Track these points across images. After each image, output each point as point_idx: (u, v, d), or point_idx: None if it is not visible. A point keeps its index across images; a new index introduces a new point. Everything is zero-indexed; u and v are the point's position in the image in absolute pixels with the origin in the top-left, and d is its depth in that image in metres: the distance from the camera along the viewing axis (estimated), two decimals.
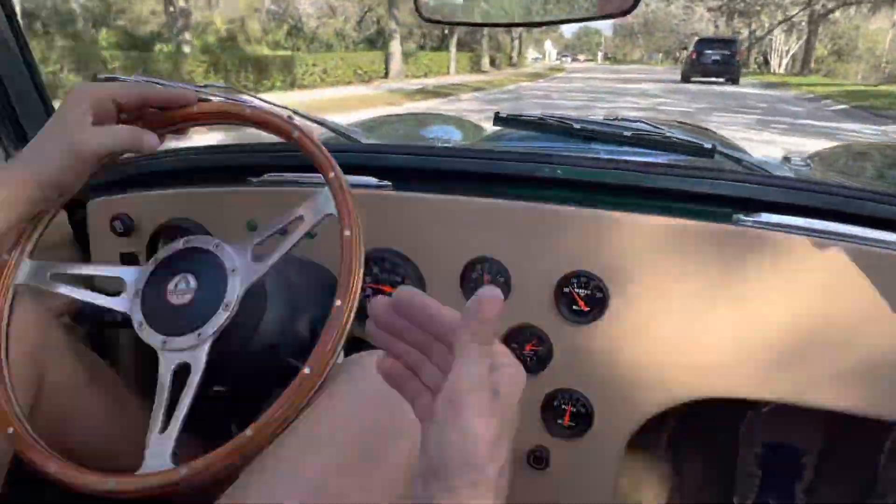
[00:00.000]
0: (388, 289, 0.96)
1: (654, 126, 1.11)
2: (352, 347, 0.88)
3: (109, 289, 0.81)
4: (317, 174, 0.75)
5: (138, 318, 0.75)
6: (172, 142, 0.89)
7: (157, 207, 1.06)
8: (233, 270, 0.74)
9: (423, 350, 0.51)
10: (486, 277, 0.92)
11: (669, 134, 1.06)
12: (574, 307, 0.89)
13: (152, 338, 0.73)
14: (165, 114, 0.80)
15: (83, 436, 0.89)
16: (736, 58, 23.15)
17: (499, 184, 0.98)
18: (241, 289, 0.73)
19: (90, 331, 1.15)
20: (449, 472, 0.42)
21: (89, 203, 1.11)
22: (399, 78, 21.41)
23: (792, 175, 1.14)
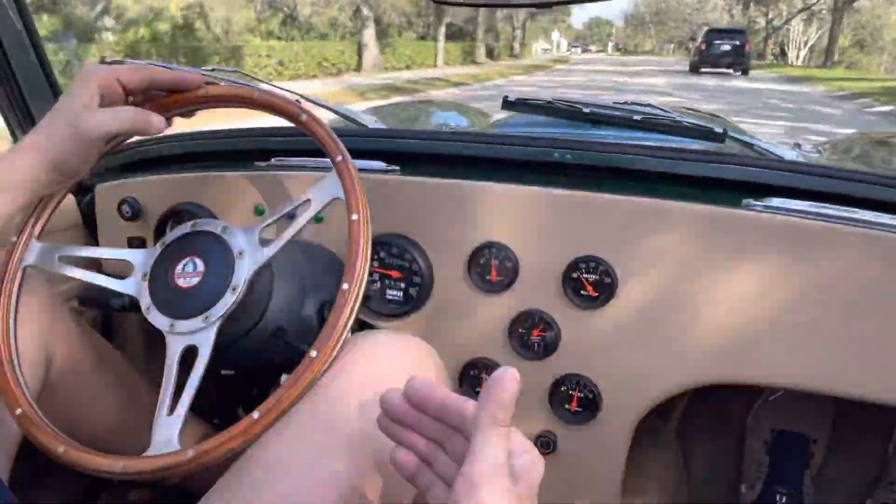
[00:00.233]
0: (396, 273, 0.96)
1: (665, 110, 1.10)
2: (358, 329, 0.88)
3: (117, 272, 0.81)
4: (324, 158, 0.74)
5: (146, 302, 0.75)
6: (180, 126, 0.89)
7: (164, 192, 1.06)
8: (240, 254, 0.74)
9: (437, 440, 0.50)
10: (494, 262, 0.92)
11: (680, 118, 1.05)
12: (582, 292, 0.89)
13: (159, 321, 0.73)
14: (172, 97, 0.79)
15: (90, 418, 0.89)
16: (746, 48, 22.89)
17: (507, 169, 0.97)
18: (248, 272, 0.73)
19: (97, 314, 1.16)
20: None
21: (97, 187, 1.11)
22: (374, 70, 19.58)
23: (803, 160, 1.13)
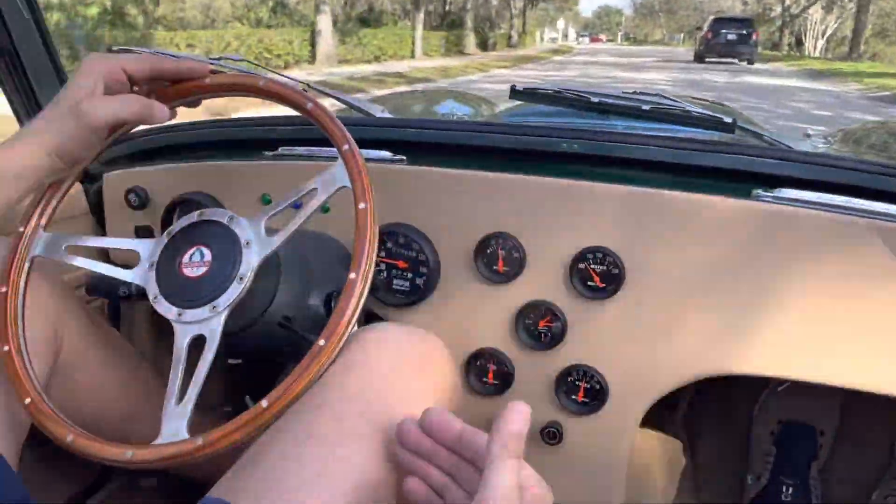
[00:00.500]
0: (402, 264, 0.95)
1: (674, 100, 1.09)
2: (365, 322, 0.88)
3: (124, 261, 0.81)
4: (331, 148, 0.74)
5: (153, 291, 0.75)
6: (186, 116, 0.89)
7: (171, 181, 1.06)
8: (247, 243, 0.74)
9: (451, 472, 0.50)
10: (501, 252, 0.91)
11: (689, 108, 1.04)
12: (589, 283, 0.88)
13: (167, 310, 0.73)
14: (177, 86, 0.79)
15: (99, 406, 0.90)
16: (752, 38, 22.67)
17: (514, 158, 0.97)
18: (255, 262, 0.73)
19: (105, 302, 1.16)
20: None
21: (105, 176, 1.11)
22: (329, 63, 16.74)
23: (813, 151, 1.12)
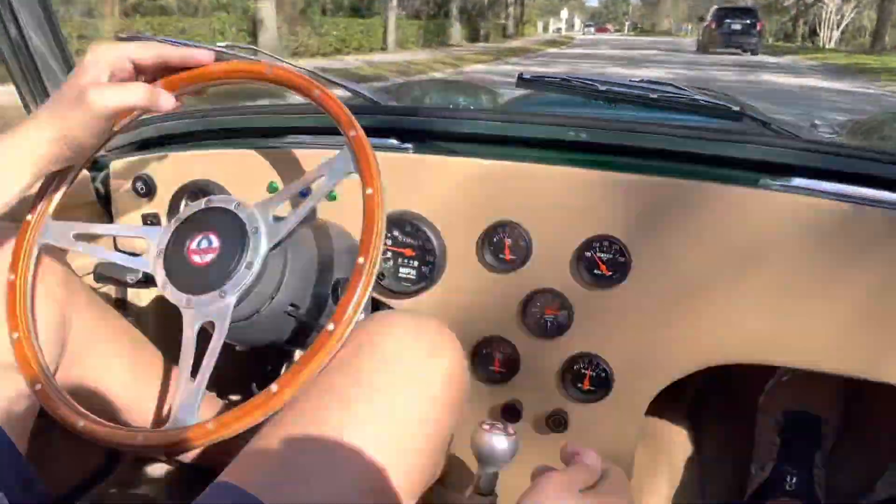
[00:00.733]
0: (409, 252, 0.96)
1: (681, 88, 1.09)
2: (372, 311, 0.88)
3: (132, 248, 0.82)
4: (338, 136, 0.74)
5: (161, 278, 0.75)
6: (194, 104, 0.89)
7: (179, 168, 1.06)
8: (254, 230, 0.74)
9: None
10: (507, 241, 0.91)
11: (696, 97, 1.04)
12: (595, 271, 0.89)
13: (176, 297, 0.74)
14: (183, 74, 0.79)
15: (108, 392, 0.91)
16: (756, 28, 22.47)
17: (521, 147, 0.96)
18: (262, 248, 0.73)
19: (114, 288, 1.17)
20: None
21: (112, 164, 1.12)
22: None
23: (822, 140, 1.12)
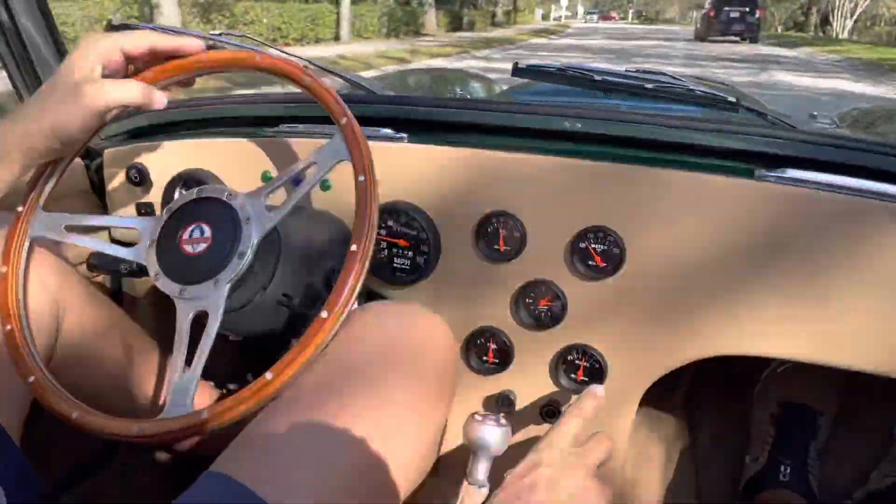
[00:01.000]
0: (403, 242, 0.95)
1: (677, 79, 1.08)
2: (366, 301, 0.88)
3: (125, 238, 0.81)
4: (331, 125, 0.74)
5: (154, 268, 0.75)
6: (187, 92, 0.88)
7: (172, 158, 1.06)
8: (247, 219, 0.74)
9: None
10: (502, 231, 0.91)
11: (692, 87, 1.04)
12: (590, 262, 0.88)
13: (169, 287, 0.74)
14: (173, 62, 0.79)
15: (102, 382, 0.90)
16: (755, 15, 22.42)
17: (516, 137, 0.96)
18: (255, 237, 0.73)
19: (107, 278, 1.17)
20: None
21: (105, 152, 1.11)
22: None
23: (819, 132, 1.12)
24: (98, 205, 1.15)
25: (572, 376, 0.93)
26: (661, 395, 1.07)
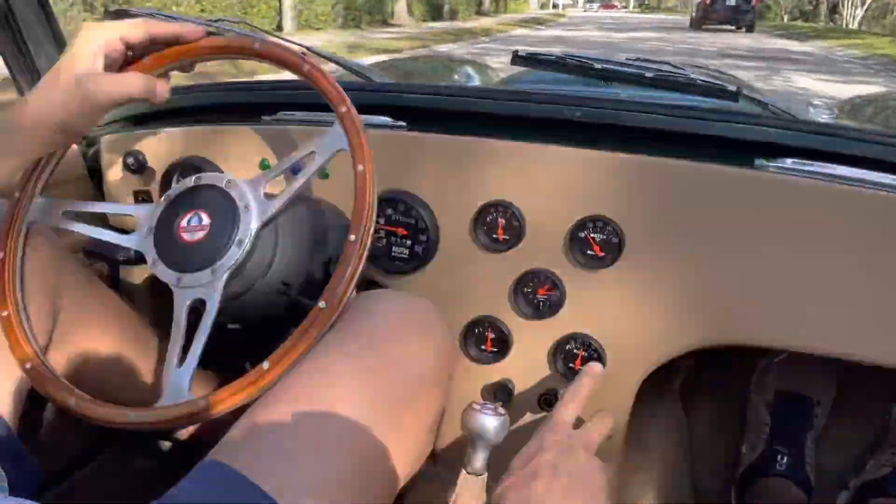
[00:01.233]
0: (402, 231, 0.95)
1: (678, 67, 1.08)
2: (365, 289, 0.88)
3: (122, 225, 0.81)
4: (331, 112, 0.74)
5: (151, 256, 0.75)
6: (186, 79, 0.88)
7: (170, 145, 1.05)
8: (245, 207, 0.74)
9: None
10: (501, 221, 0.91)
11: (693, 76, 1.03)
12: (589, 252, 0.88)
13: (166, 275, 0.74)
14: (172, 49, 0.78)
15: (99, 370, 0.90)
16: (751, 3, 22.32)
17: (516, 126, 0.96)
18: (254, 226, 0.73)
19: (104, 267, 1.16)
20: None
21: (103, 139, 1.11)
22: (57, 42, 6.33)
23: (819, 121, 1.11)
24: (95, 191, 1.15)
25: (571, 365, 0.93)
26: (659, 383, 1.07)
